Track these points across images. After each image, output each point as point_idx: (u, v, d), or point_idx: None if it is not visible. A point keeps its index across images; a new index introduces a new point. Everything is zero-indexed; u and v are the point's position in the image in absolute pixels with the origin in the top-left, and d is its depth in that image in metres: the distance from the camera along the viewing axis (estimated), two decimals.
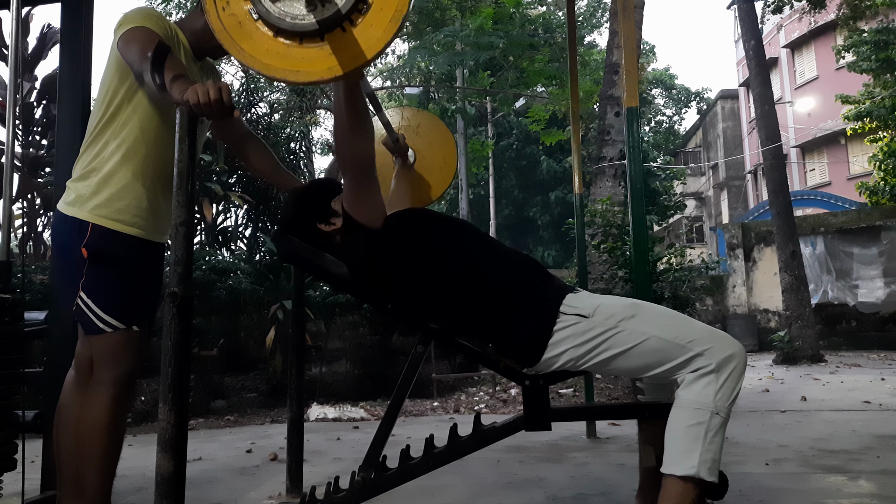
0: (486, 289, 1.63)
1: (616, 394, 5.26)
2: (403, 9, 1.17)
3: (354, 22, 1.18)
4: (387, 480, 1.66)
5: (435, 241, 1.71)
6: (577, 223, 3.64)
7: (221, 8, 1.24)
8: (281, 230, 1.90)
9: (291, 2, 1.19)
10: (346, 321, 6.07)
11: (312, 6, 1.17)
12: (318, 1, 1.16)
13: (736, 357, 1.47)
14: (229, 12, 1.23)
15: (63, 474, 1.76)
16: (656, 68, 30.70)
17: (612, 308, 1.56)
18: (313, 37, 1.19)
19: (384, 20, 1.17)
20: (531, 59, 10.89)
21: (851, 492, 2.27)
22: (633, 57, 2.32)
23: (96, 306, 1.70)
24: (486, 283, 1.64)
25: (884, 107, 12.06)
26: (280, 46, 1.21)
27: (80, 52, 2.39)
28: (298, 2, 1.18)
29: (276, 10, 1.19)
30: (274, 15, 1.19)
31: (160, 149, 1.79)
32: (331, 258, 1.79)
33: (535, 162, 18.13)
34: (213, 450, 3.46)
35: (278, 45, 1.21)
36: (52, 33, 7.04)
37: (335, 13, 1.16)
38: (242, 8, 1.23)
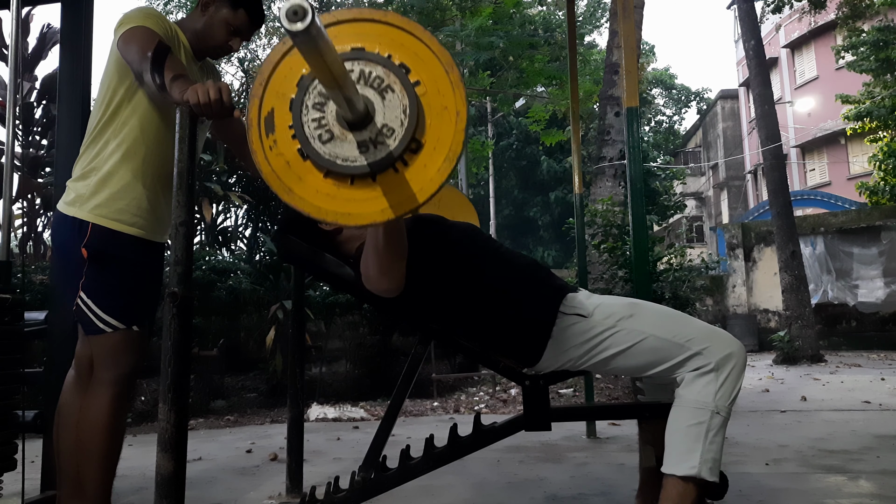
0: (487, 289, 1.63)
1: (616, 394, 5.26)
2: (458, 148, 1.12)
3: (406, 163, 1.14)
4: (387, 480, 1.66)
5: (438, 243, 1.71)
6: (577, 223, 3.64)
7: (269, 148, 1.18)
8: (281, 230, 1.90)
9: (342, 143, 1.14)
10: (346, 321, 6.06)
11: (364, 148, 1.12)
12: (369, 143, 1.12)
13: (735, 355, 1.48)
14: (277, 152, 1.18)
15: (63, 474, 1.76)
16: (656, 68, 30.72)
17: (611, 307, 1.56)
18: (364, 178, 1.14)
19: (438, 160, 1.13)
20: (531, 59, 10.89)
21: (851, 492, 2.27)
22: (633, 57, 2.32)
23: (96, 306, 1.70)
24: (487, 284, 1.64)
25: (884, 106, 12.06)
26: (330, 188, 1.15)
27: (80, 52, 2.39)
28: (349, 143, 1.13)
29: (325, 152, 1.14)
30: (324, 157, 1.14)
31: (160, 149, 1.79)
32: (331, 258, 1.79)
33: (535, 162, 18.13)
34: (213, 450, 3.46)
35: (328, 187, 1.16)
36: (52, 33, 7.05)
37: (387, 155, 1.12)
38: (291, 149, 1.17)
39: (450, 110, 1.14)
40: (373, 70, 1.15)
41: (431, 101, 1.15)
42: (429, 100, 1.15)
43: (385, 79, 1.14)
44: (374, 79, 1.14)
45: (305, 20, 0.82)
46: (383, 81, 1.14)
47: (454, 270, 1.65)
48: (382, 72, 1.14)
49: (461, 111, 1.13)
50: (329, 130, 1.15)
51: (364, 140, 1.13)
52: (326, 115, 1.15)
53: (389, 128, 1.13)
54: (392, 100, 1.13)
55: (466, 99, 1.15)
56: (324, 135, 1.15)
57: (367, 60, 1.15)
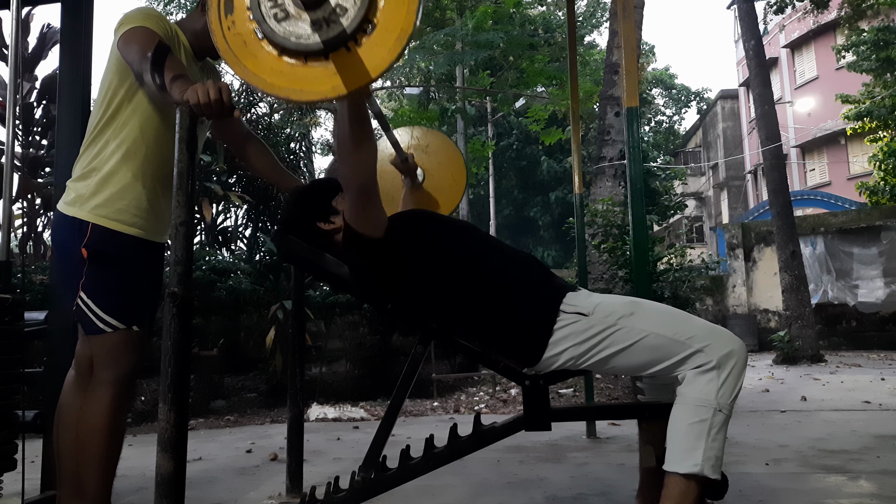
0: (488, 288, 1.63)
1: (616, 394, 5.26)
2: (409, 29, 1.16)
3: (359, 42, 1.17)
4: (387, 480, 1.66)
5: (437, 241, 1.71)
6: (577, 223, 3.64)
7: (227, 28, 1.24)
8: (281, 230, 1.90)
9: (296, 22, 1.18)
10: (346, 321, 6.06)
11: (318, 26, 1.16)
12: (323, 21, 1.16)
13: (736, 353, 1.47)
14: (234, 32, 1.23)
15: (63, 474, 1.76)
16: (656, 68, 30.71)
17: (612, 306, 1.56)
18: (318, 56, 1.18)
19: (389, 40, 1.16)
20: (531, 59, 10.89)
21: (851, 492, 2.27)
22: (633, 57, 2.32)
23: (96, 306, 1.70)
24: (487, 283, 1.64)
25: (884, 106, 12.07)
26: (284, 66, 1.21)
27: (80, 52, 2.39)
28: (304, 22, 1.18)
29: (280, 30, 1.19)
30: (279, 35, 1.18)
31: (160, 149, 1.79)
32: (331, 258, 1.79)
33: (535, 162, 18.13)
34: (213, 450, 3.46)
35: (283, 65, 1.21)
36: (51, 33, 7.05)
37: (340, 33, 1.16)
38: (248, 27, 1.23)
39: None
40: None
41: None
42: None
43: None
44: None
45: None
46: None
47: (449, 266, 1.65)
48: None
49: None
50: (284, 9, 1.19)
51: (318, 18, 1.16)
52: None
53: (343, 7, 1.17)
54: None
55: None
56: (279, 13, 1.19)
57: None
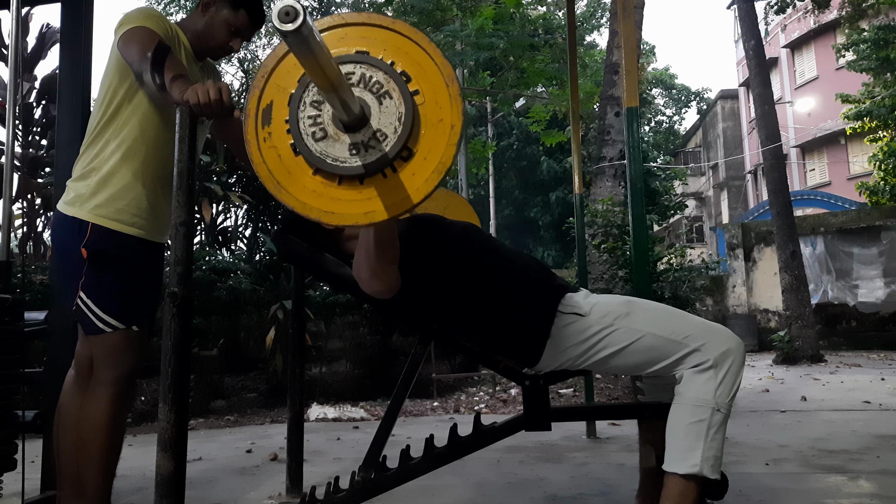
0: (487, 288, 1.63)
1: (616, 394, 5.26)
2: (448, 161, 1.14)
3: (396, 169, 1.15)
4: (387, 480, 1.66)
5: (438, 243, 1.71)
6: (577, 223, 3.64)
7: (262, 139, 1.20)
8: (281, 230, 1.89)
9: (334, 143, 1.15)
10: (346, 321, 6.06)
11: (356, 150, 1.14)
12: (361, 145, 1.13)
13: (733, 351, 1.47)
14: (270, 144, 1.20)
15: (63, 474, 1.76)
16: (656, 68, 30.71)
17: (608, 306, 1.56)
18: (353, 180, 1.15)
19: (427, 170, 1.14)
20: (531, 60, 10.89)
21: (851, 492, 2.27)
22: (633, 57, 2.32)
23: (96, 306, 1.70)
24: (487, 283, 1.64)
25: (884, 106, 12.06)
26: (318, 185, 1.17)
27: (80, 52, 2.39)
28: (341, 144, 1.15)
29: (318, 150, 1.16)
30: (315, 155, 1.15)
31: (160, 149, 1.79)
32: (331, 258, 1.79)
33: (535, 162, 18.13)
34: (213, 450, 3.46)
35: (316, 184, 1.17)
36: (51, 33, 7.05)
37: (378, 160, 1.13)
38: (285, 143, 1.19)
39: (445, 123, 1.15)
40: (374, 75, 1.16)
41: (428, 111, 1.16)
42: (426, 110, 1.16)
43: (385, 84, 1.15)
44: (374, 83, 1.15)
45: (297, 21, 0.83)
46: (382, 87, 1.15)
47: (453, 269, 1.65)
48: (383, 77, 1.15)
49: (456, 125, 1.15)
50: (323, 129, 1.16)
51: (357, 142, 1.14)
52: (323, 113, 1.16)
53: (383, 133, 1.14)
54: (389, 106, 1.15)
55: (463, 114, 1.16)
56: (318, 132, 1.16)
57: (370, 65, 1.16)
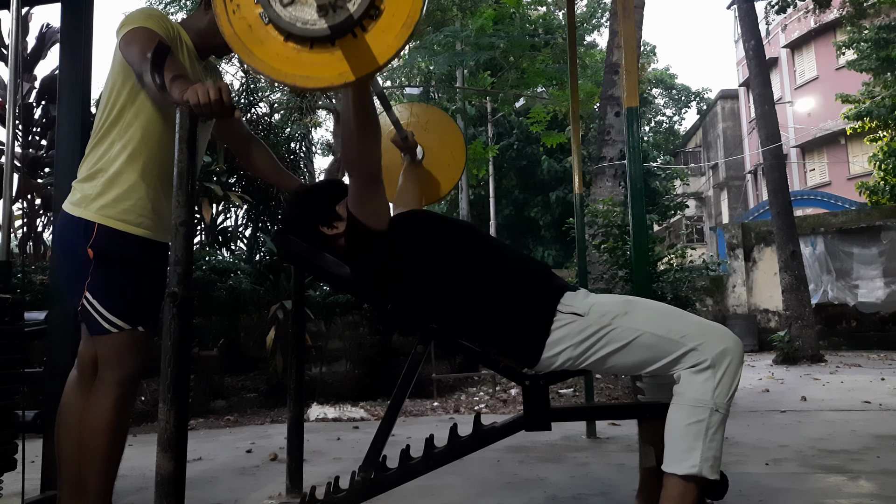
0: (487, 288, 1.64)
1: (616, 394, 5.26)
2: (416, 15, 1.15)
3: (366, 28, 1.16)
4: (387, 480, 1.66)
5: (438, 241, 1.71)
6: (577, 223, 3.64)
7: (232, 11, 1.22)
8: (282, 230, 1.90)
9: (302, 7, 1.17)
10: (346, 321, 6.06)
11: (324, 11, 1.15)
12: (329, 6, 1.15)
13: (731, 350, 1.47)
14: (240, 16, 1.21)
15: (64, 474, 1.76)
16: (656, 68, 30.69)
17: (606, 306, 1.57)
18: (324, 42, 1.17)
19: (396, 26, 1.15)
20: (532, 60, 10.88)
21: (851, 492, 2.27)
22: (633, 57, 2.32)
23: (102, 307, 1.70)
24: (486, 283, 1.64)
25: (884, 106, 12.06)
26: (290, 51, 1.19)
27: (80, 52, 2.39)
28: (310, 7, 1.16)
29: (286, 15, 1.17)
30: (284, 20, 1.17)
31: (163, 149, 1.79)
32: (331, 258, 1.79)
33: (535, 162, 18.10)
34: (213, 450, 3.46)
35: (289, 51, 1.19)
36: (51, 33, 7.04)
37: (347, 18, 1.14)
38: (253, 12, 1.21)
39: None
40: None
41: None
42: None
43: None
44: None
45: None
46: None
47: (452, 269, 1.65)
48: None
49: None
50: None
51: (324, 4, 1.15)
52: None
53: None
54: None
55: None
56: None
57: None
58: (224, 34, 1.21)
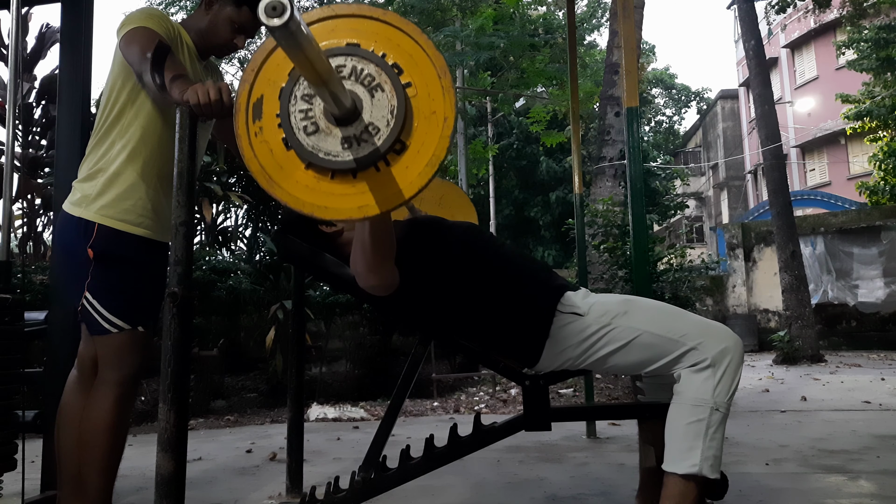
0: (487, 288, 1.63)
1: (616, 394, 5.26)
2: (441, 154, 1.12)
3: (389, 162, 1.14)
4: (387, 480, 1.66)
5: (438, 243, 1.71)
6: (577, 223, 3.64)
7: (254, 134, 1.19)
8: (281, 230, 1.90)
9: (326, 137, 1.14)
10: (346, 321, 6.06)
11: (348, 144, 1.13)
12: (354, 139, 1.13)
13: (731, 350, 1.47)
14: (261, 139, 1.19)
15: (64, 474, 1.76)
16: (656, 68, 30.70)
17: (606, 305, 1.56)
18: (345, 174, 1.14)
19: (420, 164, 1.13)
20: (531, 60, 10.88)
21: (851, 492, 2.27)
22: (633, 57, 2.32)
23: (102, 307, 1.70)
24: (487, 283, 1.64)
25: (884, 106, 12.06)
26: (310, 180, 1.16)
27: (80, 52, 2.39)
28: (334, 138, 1.14)
29: (309, 144, 1.15)
30: (307, 149, 1.14)
31: (163, 149, 1.79)
32: (331, 258, 1.79)
33: (535, 162, 18.11)
34: (213, 450, 3.46)
35: (308, 178, 1.16)
36: (51, 33, 7.03)
37: (373, 152, 1.12)
38: (276, 138, 1.18)
39: (438, 115, 1.14)
40: (365, 67, 1.15)
41: (421, 104, 1.15)
42: (418, 102, 1.15)
43: (376, 77, 1.14)
44: (366, 76, 1.14)
45: (284, 16, 0.82)
46: (374, 80, 1.14)
47: (454, 271, 1.65)
48: (374, 70, 1.14)
49: (449, 117, 1.14)
50: (315, 123, 1.15)
51: (349, 136, 1.14)
52: (314, 107, 1.15)
53: (375, 126, 1.13)
54: (381, 99, 1.14)
55: (456, 106, 1.15)
56: (309, 126, 1.15)
57: (361, 57, 1.15)
58: (244, 157, 1.18)
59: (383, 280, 1.52)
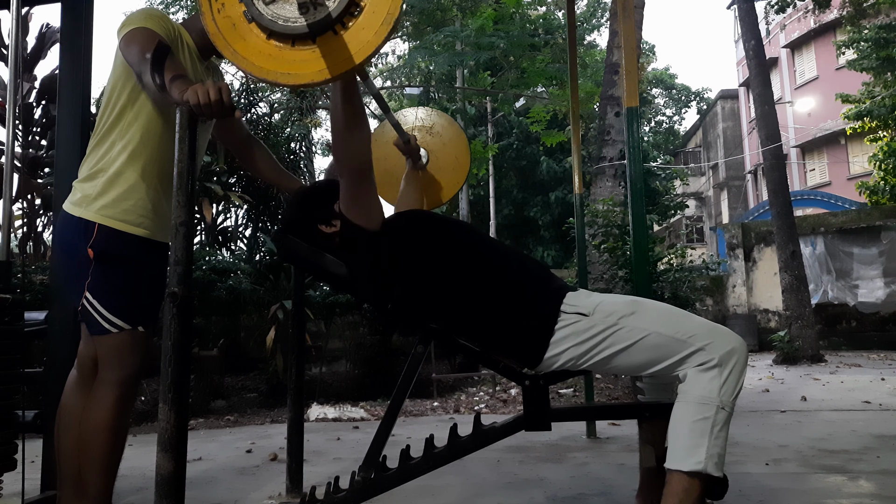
0: (488, 289, 1.63)
1: (616, 394, 5.26)
2: (395, 12, 1.17)
3: (346, 25, 1.18)
4: (387, 480, 1.66)
5: (437, 242, 1.71)
6: (577, 223, 3.64)
7: (217, 10, 1.25)
8: (282, 230, 1.90)
9: (284, 4, 1.19)
10: (346, 321, 6.06)
11: (304, 9, 1.17)
12: (310, 4, 1.17)
13: (737, 351, 1.48)
14: (224, 14, 1.24)
15: (64, 475, 1.76)
16: (656, 68, 30.70)
17: (612, 306, 1.56)
18: (305, 39, 1.19)
19: (375, 23, 1.17)
20: (532, 60, 10.88)
21: (851, 492, 2.27)
22: (633, 57, 2.32)
23: (102, 307, 1.71)
24: (487, 283, 1.64)
25: (884, 106, 12.05)
26: (272, 49, 1.22)
27: (80, 52, 2.39)
28: (291, 5, 1.19)
29: (268, 13, 1.20)
30: (266, 17, 1.20)
31: (164, 149, 1.79)
32: (331, 258, 1.79)
33: (535, 162, 18.11)
34: (213, 450, 3.46)
35: (270, 48, 1.22)
36: (51, 33, 7.03)
37: (326, 17, 1.17)
38: (237, 10, 1.24)
39: None
40: None
41: None
42: None
43: None
44: None
45: None
46: None
47: (453, 270, 1.65)
48: None
49: None
50: None
51: (305, 2, 1.17)
52: None
53: None
54: None
55: None
56: None
57: None
58: (208, 32, 1.24)
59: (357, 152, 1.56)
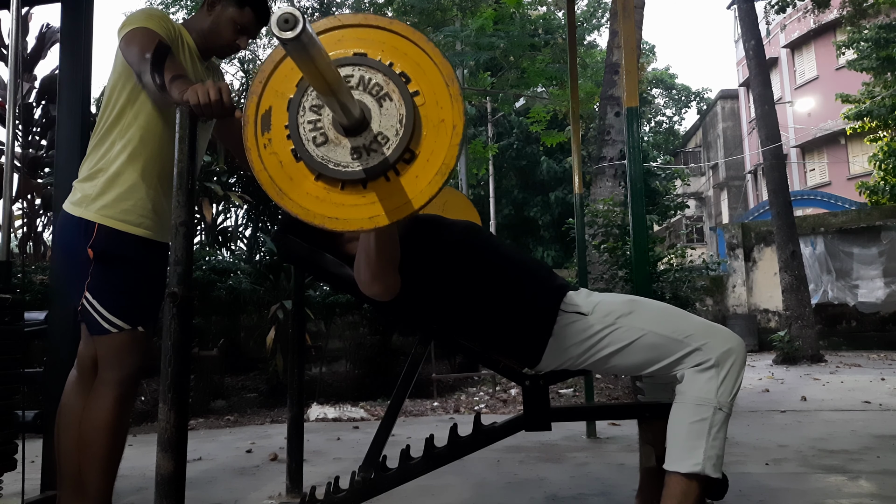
0: (488, 288, 1.63)
1: (616, 394, 5.26)
2: (451, 162, 1.13)
3: (399, 172, 1.14)
4: (387, 480, 1.66)
5: (438, 242, 1.71)
6: (577, 223, 3.64)
7: (263, 146, 1.19)
8: (281, 230, 1.90)
9: (335, 147, 1.14)
10: (346, 321, 6.06)
11: (357, 154, 1.13)
12: (363, 149, 1.13)
13: (735, 351, 1.47)
14: (270, 150, 1.19)
15: (64, 474, 1.76)
16: (656, 68, 30.70)
17: (611, 305, 1.56)
18: (355, 184, 1.14)
19: (430, 172, 1.13)
20: (532, 60, 10.88)
21: (851, 492, 2.27)
22: (633, 57, 2.32)
23: (102, 307, 1.70)
24: (487, 283, 1.64)
25: (884, 106, 12.05)
26: (320, 191, 1.16)
27: (80, 52, 2.39)
28: (343, 148, 1.14)
29: (318, 154, 1.15)
30: (317, 160, 1.15)
31: (163, 149, 1.79)
32: (331, 258, 1.79)
33: (535, 162, 18.11)
34: (213, 450, 3.46)
35: (319, 189, 1.16)
36: (51, 33, 7.03)
37: (382, 161, 1.12)
38: (286, 149, 1.18)
39: (446, 123, 1.14)
40: (373, 77, 1.15)
41: (429, 112, 1.15)
42: (426, 111, 1.15)
43: (384, 86, 1.14)
44: (374, 86, 1.14)
45: (296, 28, 0.82)
46: (382, 89, 1.14)
47: (454, 270, 1.65)
48: (382, 79, 1.14)
49: (458, 125, 1.13)
50: (324, 133, 1.15)
51: (358, 146, 1.14)
52: (323, 118, 1.15)
53: (384, 136, 1.13)
54: (389, 108, 1.14)
55: (464, 114, 1.15)
56: (318, 137, 1.15)
57: (368, 67, 1.15)
58: (254, 170, 1.18)
59: (387, 287, 1.51)
